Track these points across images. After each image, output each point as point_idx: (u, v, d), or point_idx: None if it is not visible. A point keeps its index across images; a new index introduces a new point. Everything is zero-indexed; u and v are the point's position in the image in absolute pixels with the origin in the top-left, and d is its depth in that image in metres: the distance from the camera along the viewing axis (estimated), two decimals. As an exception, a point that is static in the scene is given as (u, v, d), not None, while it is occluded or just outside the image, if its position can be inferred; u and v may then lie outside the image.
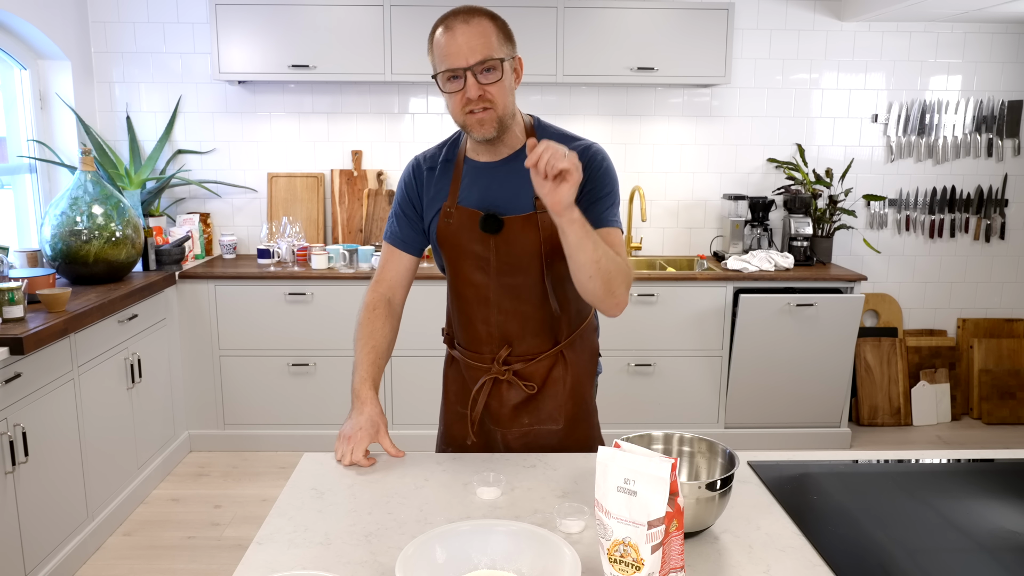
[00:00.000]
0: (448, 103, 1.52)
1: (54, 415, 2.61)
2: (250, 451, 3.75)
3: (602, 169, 1.58)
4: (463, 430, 1.73)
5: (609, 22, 3.64)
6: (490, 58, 1.45)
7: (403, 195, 1.68)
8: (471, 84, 1.45)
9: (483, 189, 1.59)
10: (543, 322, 1.64)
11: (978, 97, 4.11)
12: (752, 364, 3.68)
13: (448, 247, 1.63)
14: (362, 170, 4.06)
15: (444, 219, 1.61)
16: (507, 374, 1.65)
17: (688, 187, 4.17)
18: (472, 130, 1.51)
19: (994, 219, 4.20)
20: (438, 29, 1.49)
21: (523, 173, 1.49)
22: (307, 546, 1.22)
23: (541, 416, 1.67)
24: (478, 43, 1.45)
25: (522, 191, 1.56)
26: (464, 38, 1.44)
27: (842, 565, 1.17)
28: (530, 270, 1.59)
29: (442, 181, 1.63)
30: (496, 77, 1.47)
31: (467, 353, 1.70)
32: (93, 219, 3.04)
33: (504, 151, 1.59)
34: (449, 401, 1.78)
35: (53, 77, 3.70)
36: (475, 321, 1.65)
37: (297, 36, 3.61)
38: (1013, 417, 4.17)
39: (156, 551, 2.88)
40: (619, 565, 1.04)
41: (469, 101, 1.46)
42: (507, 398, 1.67)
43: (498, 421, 1.69)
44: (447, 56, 1.45)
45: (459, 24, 1.46)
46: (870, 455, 1.59)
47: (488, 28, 1.47)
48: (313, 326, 3.64)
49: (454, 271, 1.65)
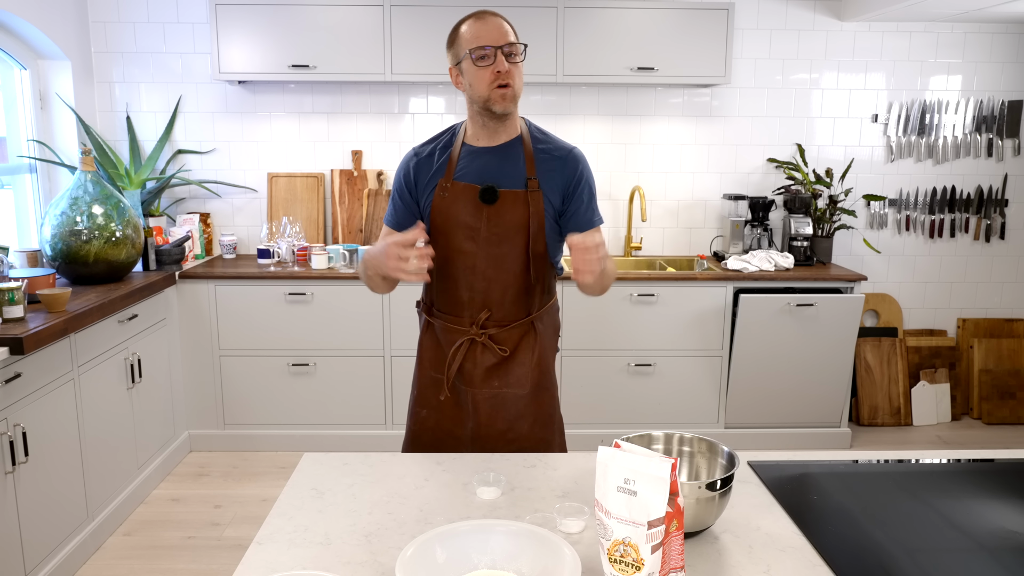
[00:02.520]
0: (474, 79, 1.70)
1: (54, 415, 2.61)
2: (250, 451, 3.75)
3: (588, 171, 1.83)
4: (436, 392, 1.86)
5: (609, 22, 3.64)
6: (516, 42, 1.71)
7: (400, 182, 1.84)
8: (501, 59, 1.67)
9: (479, 168, 1.77)
10: (520, 291, 1.81)
11: (978, 97, 4.11)
12: (752, 364, 3.68)
13: (442, 218, 1.78)
14: (362, 170, 4.06)
15: (440, 192, 1.78)
16: (483, 337, 1.80)
17: (688, 187, 4.17)
18: (495, 103, 1.70)
19: (994, 219, 4.20)
20: (466, 21, 1.72)
21: (517, 158, 1.78)
22: (307, 546, 1.22)
23: (510, 380, 1.82)
24: (507, 30, 1.71)
25: (515, 172, 1.77)
26: (495, 24, 1.70)
27: (842, 565, 1.17)
28: (516, 241, 1.77)
29: (439, 163, 1.80)
30: (518, 60, 1.71)
31: (446, 317, 1.84)
32: (93, 219, 3.04)
33: (503, 137, 1.79)
34: (424, 367, 1.89)
35: (53, 77, 3.71)
36: (459, 287, 1.81)
37: (297, 36, 3.61)
38: (1013, 417, 4.17)
39: (156, 551, 2.88)
40: (619, 565, 1.04)
41: (498, 75, 1.67)
42: (480, 360, 1.81)
43: (471, 382, 1.82)
44: (480, 36, 1.68)
45: (489, 16, 1.72)
46: (870, 455, 1.59)
47: (509, 26, 1.74)
48: (313, 326, 3.64)
49: (445, 239, 1.79)
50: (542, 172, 1.78)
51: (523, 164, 1.77)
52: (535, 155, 1.78)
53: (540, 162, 1.78)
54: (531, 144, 1.80)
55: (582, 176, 1.80)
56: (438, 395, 1.86)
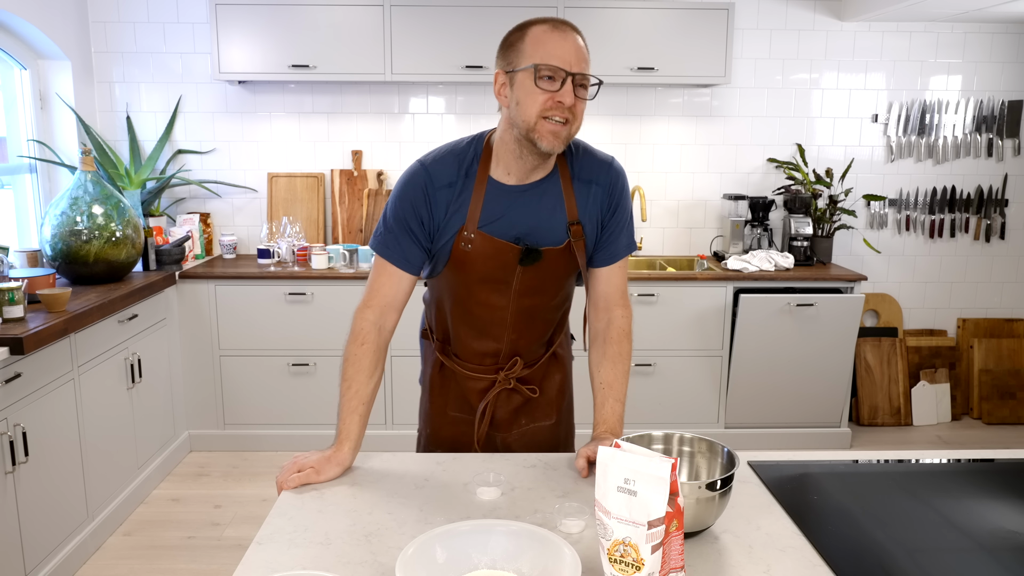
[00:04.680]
0: (527, 100, 1.40)
1: (54, 415, 2.61)
2: (250, 451, 3.75)
3: (627, 189, 1.60)
4: (463, 436, 1.73)
5: (609, 22, 3.64)
6: (591, 75, 1.42)
7: (410, 210, 1.50)
8: (568, 89, 1.38)
9: (509, 215, 1.50)
10: (547, 332, 1.70)
11: (978, 97, 4.11)
12: (752, 364, 3.68)
13: (465, 271, 1.54)
14: (362, 170, 4.06)
15: (461, 243, 1.50)
16: (512, 383, 1.68)
17: (688, 187, 4.17)
18: (542, 138, 1.40)
19: (994, 219, 4.20)
20: (539, 26, 1.41)
21: (555, 198, 1.51)
22: (307, 546, 1.22)
23: (536, 415, 1.73)
24: (586, 57, 1.41)
25: (555, 218, 1.52)
26: (574, 45, 1.39)
27: (842, 565, 1.17)
28: (550, 291, 1.60)
29: (460, 201, 1.50)
30: (587, 95, 1.43)
31: (469, 366, 1.68)
32: (93, 219, 3.04)
33: (539, 173, 1.51)
34: (445, 407, 1.75)
35: (53, 77, 3.70)
36: (485, 338, 1.64)
37: (297, 36, 3.61)
38: (1013, 417, 4.17)
39: (156, 551, 2.88)
40: (619, 565, 1.04)
41: (558, 105, 1.38)
42: (507, 403, 1.72)
43: (499, 426, 1.73)
44: (555, 54, 1.38)
45: (570, 30, 1.41)
46: (870, 455, 1.59)
47: (587, 51, 1.43)
48: (313, 326, 3.64)
49: (466, 292, 1.58)
50: (583, 206, 1.54)
51: (563, 206, 1.52)
52: (575, 191, 1.53)
53: (580, 195, 1.53)
54: (570, 174, 1.52)
55: (622, 196, 1.57)
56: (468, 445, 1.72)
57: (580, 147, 1.58)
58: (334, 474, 1.42)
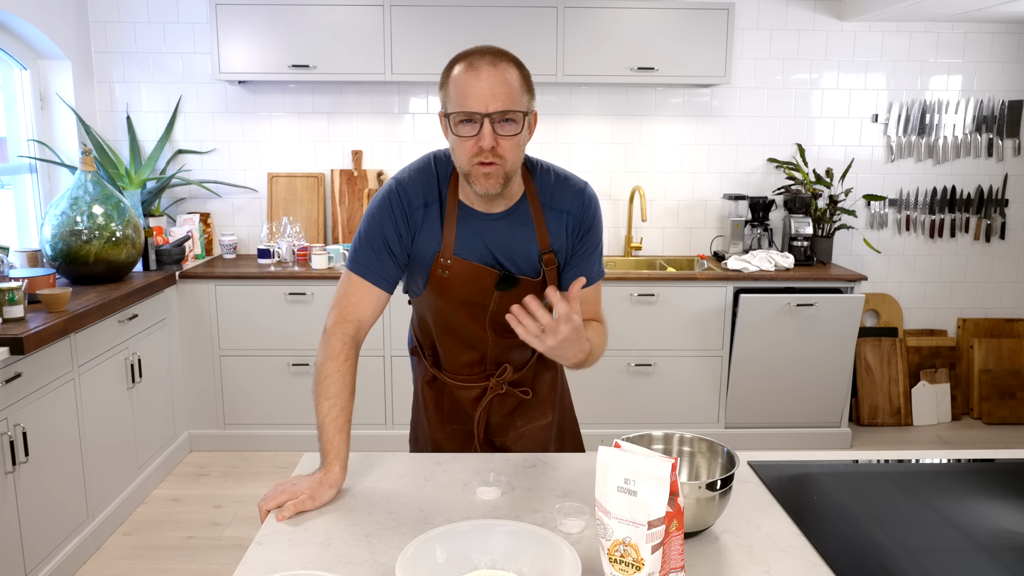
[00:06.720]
0: (455, 147, 1.40)
1: (54, 415, 2.61)
2: (250, 451, 3.75)
3: (598, 217, 1.58)
4: (460, 446, 1.74)
5: (609, 22, 3.64)
6: (512, 110, 1.35)
7: (391, 228, 1.49)
8: (487, 133, 1.34)
9: (483, 242, 1.51)
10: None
11: (978, 97, 4.11)
12: (752, 364, 3.68)
13: (443, 295, 1.55)
14: (362, 170, 4.06)
15: (438, 270, 1.51)
16: (503, 388, 1.69)
17: (688, 187, 4.17)
18: (476, 182, 1.39)
19: (994, 219, 4.20)
20: (459, 65, 1.37)
21: (525, 224, 1.51)
22: (307, 546, 1.22)
23: (532, 415, 1.74)
24: (502, 91, 1.34)
25: (526, 245, 1.53)
26: (488, 82, 1.33)
27: (842, 565, 1.17)
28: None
29: (434, 223, 1.50)
30: (514, 131, 1.37)
31: (459, 378, 1.70)
32: (93, 219, 3.04)
33: (501, 204, 1.50)
34: (439, 419, 1.75)
35: (53, 77, 3.70)
36: (471, 350, 1.66)
37: (297, 36, 3.61)
38: (1013, 417, 4.17)
39: (156, 551, 2.88)
40: (619, 565, 1.04)
41: (480, 151, 1.36)
42: (500, 407, 1.73)
43: (495, 431, 1.75)
44: (466, 97, 1.34)
45: (485, 65, 1.34)
46: (870, 455, 1.59)
47: (514, 77, 1.36)
48: (313, 326, 3.64)
49: (444, 314, 1.59)
50: (555, 234, 1.54)
51: (533, 233, 1.52)
52: (545, 219, 1.52)
53: (552, 223, 1.53)
54: (539, 201, 1.52)
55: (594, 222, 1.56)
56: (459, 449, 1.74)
57: (554, 173, 1.56)
58: (329, 497, 1.36)
